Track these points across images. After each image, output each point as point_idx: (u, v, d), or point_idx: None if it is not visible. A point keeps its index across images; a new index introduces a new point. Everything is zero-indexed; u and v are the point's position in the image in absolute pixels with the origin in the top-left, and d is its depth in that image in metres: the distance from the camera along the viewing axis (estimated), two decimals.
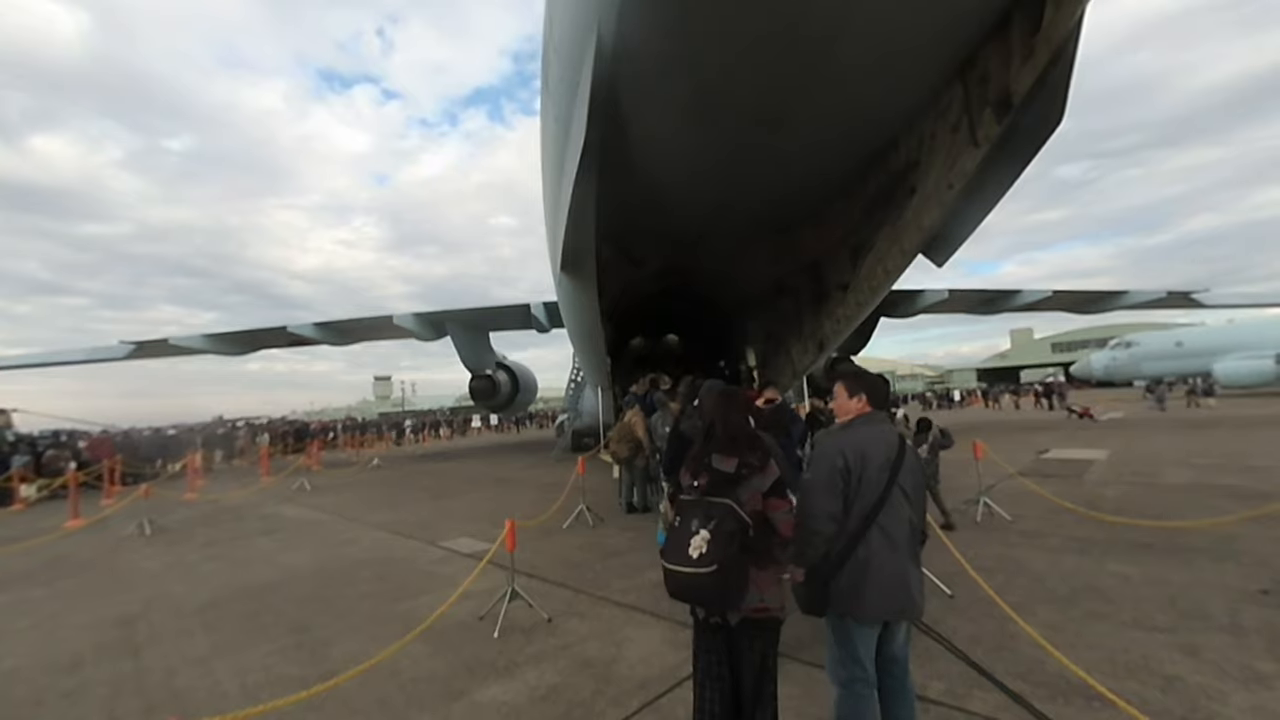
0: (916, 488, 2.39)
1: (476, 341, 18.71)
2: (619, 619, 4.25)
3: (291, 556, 6.76)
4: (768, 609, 2.30)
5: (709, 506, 2.25)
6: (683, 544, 2.18)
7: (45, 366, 18.71)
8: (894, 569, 2.26)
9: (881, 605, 2.25)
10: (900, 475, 2.32)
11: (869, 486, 2.28)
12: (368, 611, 4.70)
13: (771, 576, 2.32)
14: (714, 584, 2.12)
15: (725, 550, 2.13)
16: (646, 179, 7.36)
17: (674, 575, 2.20)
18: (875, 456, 2.32)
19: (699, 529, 2.18)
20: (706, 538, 2.14)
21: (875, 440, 2.38)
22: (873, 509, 2.27)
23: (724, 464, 2.36)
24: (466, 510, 9.23)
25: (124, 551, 7.54)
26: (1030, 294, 18.61)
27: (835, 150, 7.00)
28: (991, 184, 5.97)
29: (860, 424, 2.48)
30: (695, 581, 2.14)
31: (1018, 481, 7.97)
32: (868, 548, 2.25)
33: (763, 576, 2.28)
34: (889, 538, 2.26)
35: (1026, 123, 5.11)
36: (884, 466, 2.31)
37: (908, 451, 2.39)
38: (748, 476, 2.31)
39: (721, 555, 2.12)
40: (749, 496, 2.28)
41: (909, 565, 2.30)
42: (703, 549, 2.13)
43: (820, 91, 5.48)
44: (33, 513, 12.00)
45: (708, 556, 2.12)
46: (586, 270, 7.27)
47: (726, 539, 2.15)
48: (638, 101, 5.30)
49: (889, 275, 7.79)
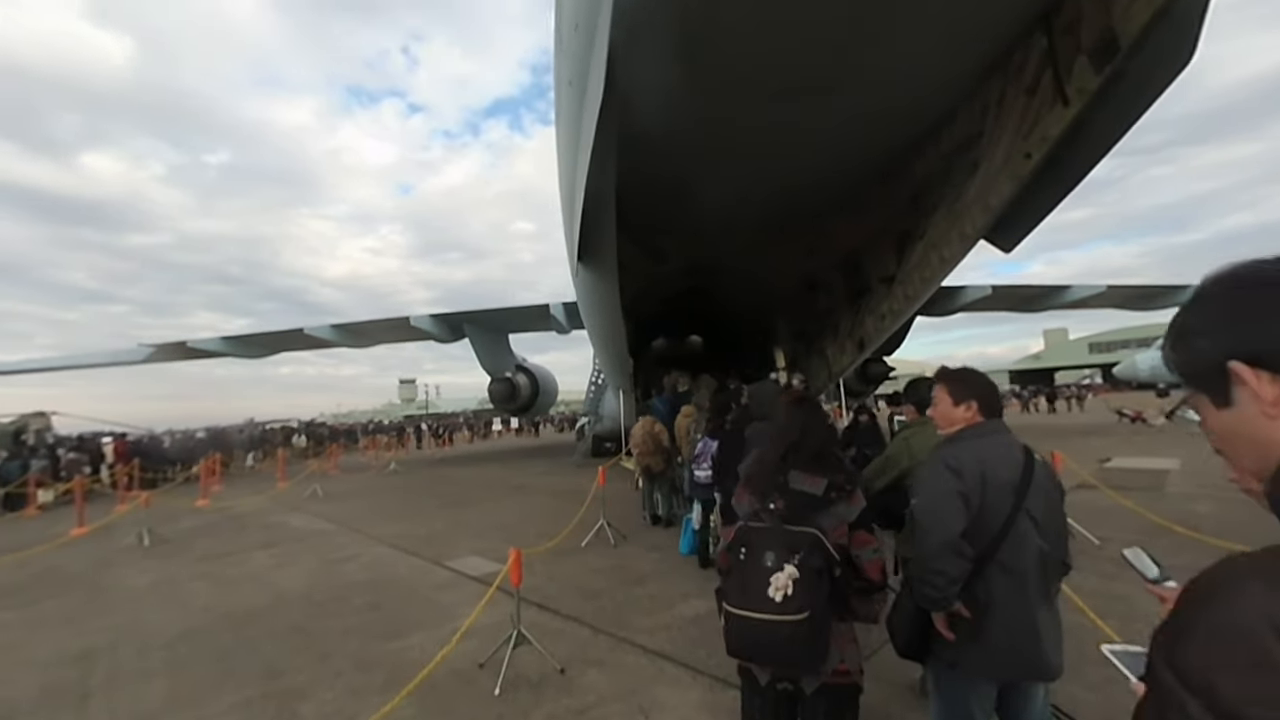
0: (1051, 512, 1.92)
1: (495, 343, 18.19)
2: (646, 672, 3.52)
3: (285, 575, 6.19)
4: (848, 673, 1.84)
5: (791, 536, 1.78)
6: (758, 583, 1.72)
7: (66, 370, 18.77)
8: (1020, 614, 1.81)
9: (1002, 659, 1.82)
10: (1028, 499, 1.84)
11: (990, 513, 1.83)
12: (353, 652, 4.05)
13: (849, 632, 1.88)
14: (804, 636, 1.66)
15: (817, 593, 1.69)
16: (668, 163, 6.63)
17: (746, 624, 1.72)
18: (996, 476, 1.86)
19: (780, 564, 1.71)
20: (794, 575, 1.68)
21: (995, 456, 1.91)
22: (994, 540, 1.82)
23: (808, 484, 1.91)
24: (479, 522, 8.61)
25: (117, 565, 7.08)
26: (1081, 289, 17.35)
27: (883, 124, 6.17)
28: (1084, 147, 5.08)
29: (972, 436, 1.99)
30: (778, 633, 1.67)
31: (1092, 495, 7.03)
32: (986, 587, 1.82)
33: (841, 631, 1.84)
34: (1014, 575, 1.82)
35: (1136, 67, 4.25)
36: (1007, 488, 1.85)
37: (1037, 468, 1.91)
38: (835, 501, 1.88)
39: (813, 599, 1.67)
40: (833, 528, 1.84)
41: (1040, 609, 1.84)
42: (788, 590, 1.67)
43: (869, 50, 4.68)
44: (46, 518, 11.80)
45: (795, 600, 1.66)
46: (606, 258, 6.57)
47: (816, 578, 1.71)
48: (658, 67, 4.60)
49: (945, 264, 6.93)
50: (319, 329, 17.45)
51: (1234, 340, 0.58)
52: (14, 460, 14.00)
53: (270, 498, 12.39)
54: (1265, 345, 0.57)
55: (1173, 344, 0.65)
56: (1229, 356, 0.58)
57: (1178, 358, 0.65)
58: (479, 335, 17.68)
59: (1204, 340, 0.61)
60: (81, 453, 17.50)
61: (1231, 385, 0.59)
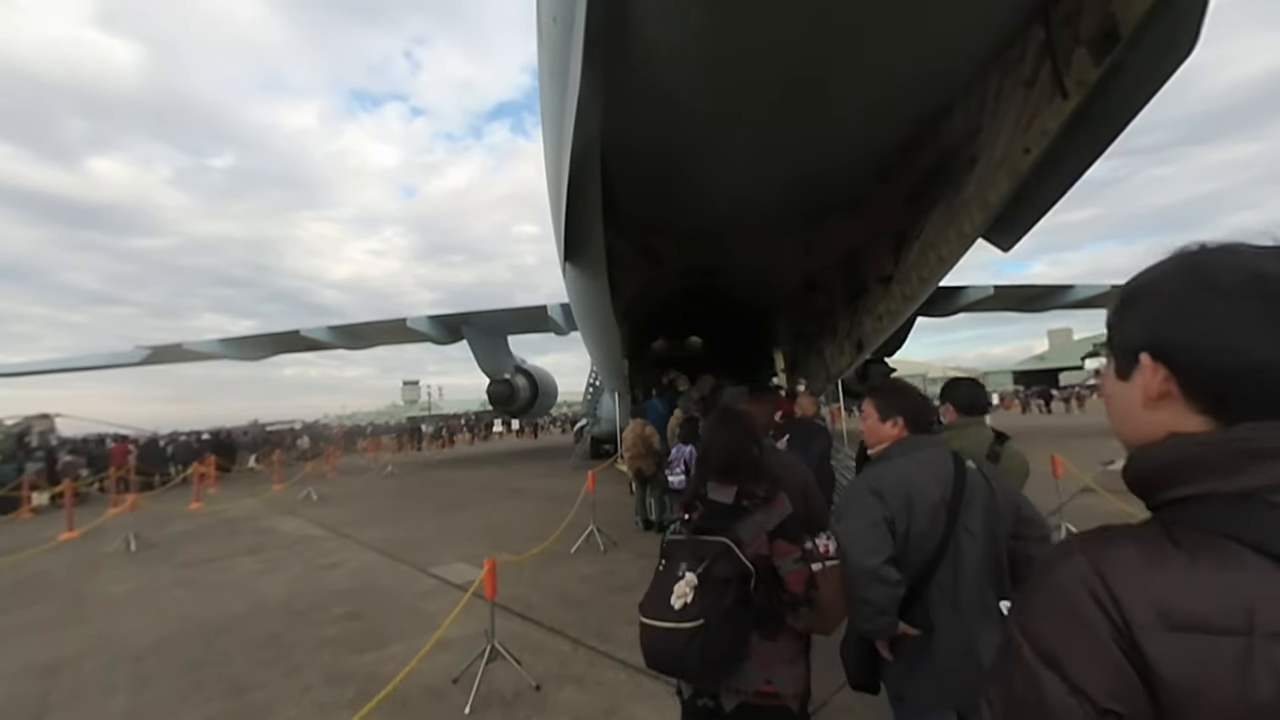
0: (991, 523, 1.79)
1: (493, 345, 18.07)
2: (624, 688, 3.37)
3: (267, 582, 6.07)
4: (776, 694, 1.72)
5: (700, 546, 1.76)
6: (664, 592, 1.71)
7: (66, 372, 18.74)
8: (964, 637, 1.71)
9: (949, 686, 1.71)
10: (963, 514, 1.75)
11: (922, 535, 1.74)
12: (325, 665, 3.91)
13: (783, 650, 1.77)
14: (700, 645, 1.61)
15: (717, 602, 1.64)
16: (658, 161, 6.49)
17: (650, 632, 1.69)
18: (924, 496, 1.76)
19: (685, 572, 1.70)
20: (693, 583, 1.67)
21: (921, 475, 1.81)
22: (930, 562, 1.74)
23: (720, 493, 1.89)
24: (470, 526, 8.48)
25: (100, 571, 6.97)
26: (1085, 289, 17.11)
27: (881, 119, 6.02)
28: (1084, 141, 4.92)
29: (897, 454, 1.90)
30: (675, 641, 1.63)
31: (1094, 500, 6.85)
32: (926, 611, 1.75)
33: (770, 649, 1.74)
34: (951, 597, 1.73)
35: (1137, 59, 4.08)
36: (938, 507, 1.75)
37: (970, 480, 1.80)
38: (750, 510, 1.82)
39: (710, 607, 1.63)
40: (752, 537, 1.76)
41: (985, 630, 1.72)
42: (687, 598, 1.65)
43: (864, 42, 4.54)
44: (39, 521, 11.72)
45: (692, 608, 1.63)
46: (594, 256, 6.42)
47: (719, 587, 1.66)
48: (639, 61, 4.44)
49: (944, 262, 6.76)
50: (316, 330, 17.36)
51: (1154, 335, 0.63)
52: (9, 463, 13.95)
53: (264, 500, 12.30)
54: (1173, 346, 0.62)
55: (1115, 310, 0.69)
56: (1144, 347, 0.64)
57: (1112, 323, 0.70)
58: (477, 337, 17.57)
59: (1135, 324, 0.66)
60: (80, 455, 17.48)
61: (1134, 366, 0.65)
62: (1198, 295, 0.60)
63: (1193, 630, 0.51)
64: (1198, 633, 0.51)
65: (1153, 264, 0.67)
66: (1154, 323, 0.64)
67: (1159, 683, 0.51)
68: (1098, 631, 0.54)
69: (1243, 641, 0.49)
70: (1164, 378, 0.62)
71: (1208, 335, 0.59)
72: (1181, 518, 0.58)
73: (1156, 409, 0.63)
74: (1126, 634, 0.53)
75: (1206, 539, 0.55)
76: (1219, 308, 0.59)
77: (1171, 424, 0.62)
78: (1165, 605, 0.52)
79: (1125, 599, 0.54)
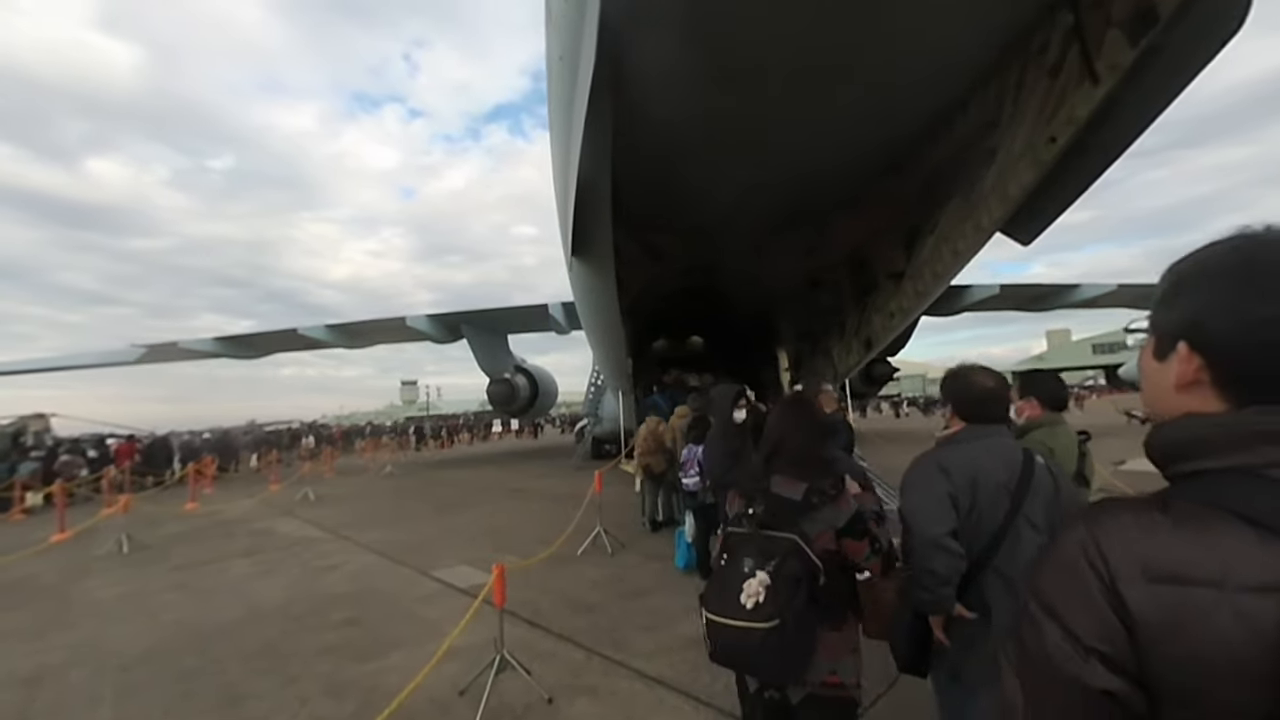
0: (1054, 519, 1.80)
1: (493, 344, 17.88)
2: (642, 700, 3.18)
3: (263, 586, 5.86)
4: (840, 684, 1.76)
5: (768, 542, 1.73)
6: (732, 589, 1.68)
7: (61, 371, 18.47)
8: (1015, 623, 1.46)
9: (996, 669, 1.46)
10: (1026, 503, 1.77)
11: (983, 516, 1.78)
12: (324, 675, 3.71)
13: (848, 640, 1.82)
14: (775, 645, 1.61)
15: (790, 600, 1.62)
16: (664, 154, 6.31)
17: (719, 630, 1.68)
18: (989, 478, 1.80)
19: (754, 570, 1.67)
20: (765, 582, 1.64)
21: (989, 459, 1.83)
22: (989, 546, 1.76)
23: (787, 489, 1.87)
24: (472, 528, 8.28)
25: (90, 574, 6.75)
26: (1091, 288, 16.97)
27: (893, 111, 5.85)
28: (1114, 128, 4.75)
29: (967, 438, 1.92)
30: (750, 640, 1.62)
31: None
32: (982, 594, 1.77)
33: (835, 639, 1.78)
34: (1007, 583, 1.74)
35: (1177, 39, 3.91)
36: (1001, 491, 1.78)
37: (1037, 471, 1.82)
38: (818, 506, 1.81)
39: (784, 607, 1.62)
40: (818, 534, 1.77)
41: None
42: (760, 597, 1.63)
43: (879, 30, 4.37)
44: (31, 522, 11.48)
45: (765, 608, 1.62)
46: (603, 251, 6.25)
47: (791, 586, 1.64)
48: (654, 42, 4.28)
49: (959, 257, 6.60)
50: (313, 329, 17.14)
51: (1194, 328, 0.66)
52: (1, 463, 13.70)
53: (261, 501, 12.07)
54: (1211, 342, 0.64)
55: (1161, 292, 0.71)
56: (1183, 336, 0.67)
57: (1158, 308, 0.71)
58: (477, 336, 17.37)
59: (1179, 312, 0.68)
60: (77, 455, 17.22)
61: (1172, 350, 0.68)
62: (1242, 294, 0.62)
63: (1170, 582, 0.58)
64: (1174, 584, 0.58)
65: (1207, 245, 0.68)
66: (1196, 315, 0.66)
67: (1135, 625, 0.58)
68: (1088, 586, 0.61)
69: (1215, 593, 0.56)
70: (1198, 367, 0.65)
71: (1246, 336, 0.62)
72: (1186, 490, 0.65)
73: (1187, 394, 0.67)
74: (1112, 587, 0.60)
75: (1198, 509, 0.61)
76: (1261, 310, 0.61)
77: (1197, 406, 0.66)
78: (1148, 562, 0.59)
79: (1113, 558, 0.61)
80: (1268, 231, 0.63)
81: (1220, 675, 0.55)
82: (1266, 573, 0.55)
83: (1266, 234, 0.63)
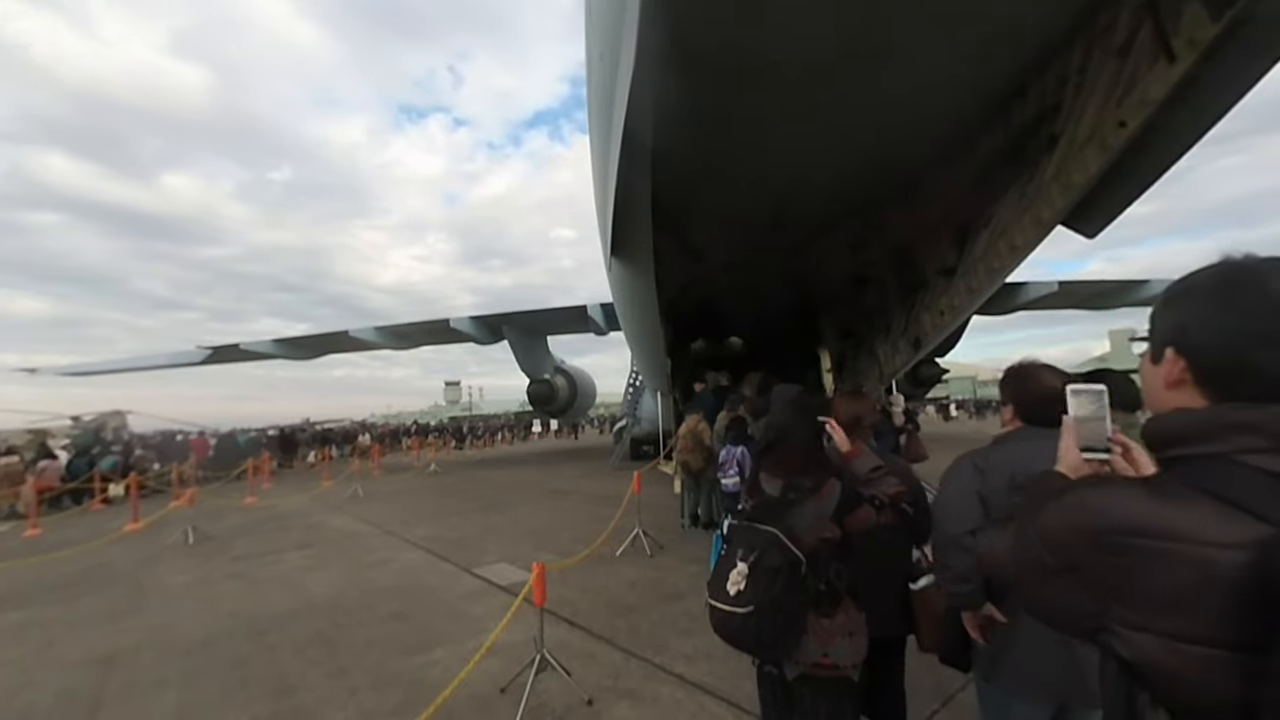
0: None
1: (533, 345, 18.15)
2: (684, 707, 3.12)
3: (315, 578, 6.08)
4: (834, 665, 1.84)
5: (753, 534, 1.86)
6: (723, 576, 1.83)
7: (133, 371, 19.78)
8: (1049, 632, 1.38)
9: (1032, 679, 1.69)
10: None
11: None
12: (372, 666, 3.81)
13: (841, 626, 1.85)
14: (752, 629, 1.74)
15: (765, 591, 1.73)
16: (706, 150, 6.22)
17: (711, 611, 1.84)
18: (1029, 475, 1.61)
19: (738, 560, 1.82)
20: (744, 573, 1.78)
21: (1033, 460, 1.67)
22: None
23: (769, 485, 2.02)
24: (513, 527, 8.38)
25: (160, 563, 7.17)
26: (1162, 284, 15.89)
27: (945, 97, 5.60)
28: (1194, 109, 4.39)
29: (1014, 440, 1.86)
30: (731, 623, 1.77)
31: None
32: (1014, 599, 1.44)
33: (826, 626, 1.84)
34: None
35: (1266, 10, 3.58)
36: None
37: None
38: (795, 502, 1.90)
39: (759, 596, 1.73)
40: (812, 524, 1.84)
41: None
42: (740, 585, 1.77)
43: (929, 8, 4.17)
44: (108, 512, 12.30)
45: (744, 595, 1.75)
46: (642, 252, 6.21)
47: (767, 577, 1.75)
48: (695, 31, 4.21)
49: (1017, 252, 6.26)
50: (363, 331, 17.79)
51: (1180, 336, 0.80)
52: (82, 457, 14.75)
53: (313, 497, 12.59)
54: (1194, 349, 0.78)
55: (1158, 305, 0.85)
56: (1171, 344, 0.81)
57: (1154, 319, 0.85)
58: (517, 337, 17.66)
59: (1170, 322, 0.82)
60: (149, 450, 18.41)
61: (1163, 355, 0.82)
62: (1220, 310, 0.75)
63: (1133, 535, 0.72)
64: (1136, 537, 0.72)
65: (1198, 269, 0.81)
66: (1182, 326, 0.79)
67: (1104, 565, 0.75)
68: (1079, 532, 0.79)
69: (1168, 544, 0.69)
70: (1183, 369, 0.79)
71: (1223, 344, 0.75)
72: (1171, 471, 0.78)
73: (1175, 391, 0.80)
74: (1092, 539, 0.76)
75: (1175, 486, 0.74)
76: (1235, 323, 0.74)
77: (1183, 402, 0.79)
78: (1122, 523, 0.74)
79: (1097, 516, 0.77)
80: (1247, 259, 0.76)
81: (1170, 603, 0.68)
82: (1224, 536, 0.66)
83: (1246, 260, 0.76)
